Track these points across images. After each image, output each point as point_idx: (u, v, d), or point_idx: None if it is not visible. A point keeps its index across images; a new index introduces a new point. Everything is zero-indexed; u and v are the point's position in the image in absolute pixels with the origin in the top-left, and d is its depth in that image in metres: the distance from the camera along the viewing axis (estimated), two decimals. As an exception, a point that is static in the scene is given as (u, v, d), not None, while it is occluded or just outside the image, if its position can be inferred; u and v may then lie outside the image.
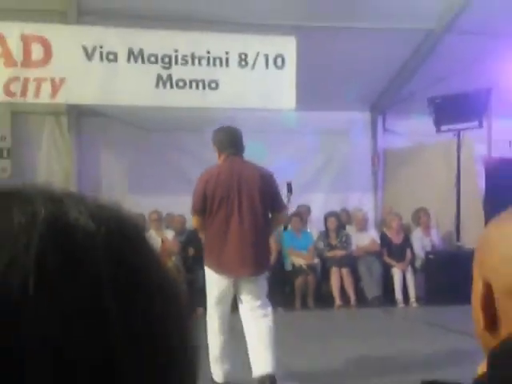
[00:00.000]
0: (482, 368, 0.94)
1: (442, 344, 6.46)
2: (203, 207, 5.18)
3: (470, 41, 9.04)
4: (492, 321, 0.94)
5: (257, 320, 5.25)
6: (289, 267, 9.49)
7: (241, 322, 5.34)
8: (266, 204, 5.25)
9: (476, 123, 8.97)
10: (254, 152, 9.45)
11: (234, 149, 5.29)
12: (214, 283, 5.28)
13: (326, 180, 10.88)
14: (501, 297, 0.93)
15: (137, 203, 9.61)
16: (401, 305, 9.35)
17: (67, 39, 8.22)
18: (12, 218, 0.46)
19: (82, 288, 0.46)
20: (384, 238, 9.94)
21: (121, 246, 0.50)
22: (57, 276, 0.46)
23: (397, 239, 9.86)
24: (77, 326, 0.46)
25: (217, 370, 5.24)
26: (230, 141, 5.31)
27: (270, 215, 5.37)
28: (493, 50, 8.90)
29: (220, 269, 5.21)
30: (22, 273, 0.45)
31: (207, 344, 5.17)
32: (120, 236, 0.51)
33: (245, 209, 5.15)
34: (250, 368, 5.19)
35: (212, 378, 5.26)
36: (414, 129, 10.40)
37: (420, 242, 9.86)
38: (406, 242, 9.85)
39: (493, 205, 8.11)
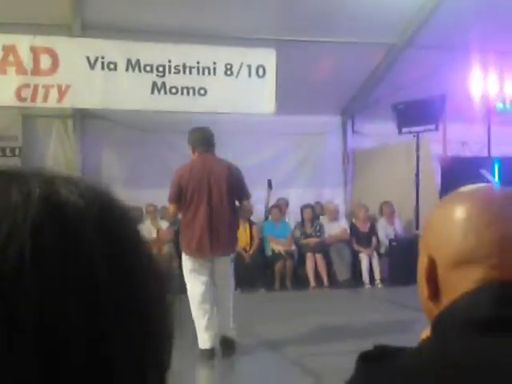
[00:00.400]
0: (425, 333, 0.96)
1: (399, 318, 6.53)
2: (178, 197, 5.32)
3: (427, 54, 9.10)
4: (435, 292, 0.95)
5: (221, 293, 5.41)
6: (269, 253, 9.51)
7: None
8: (233, 194, 5.39)
9: (433, 126, 9.01)
10: (238, 151, 9.50)
11: (206, 147, 5.41)
12: (189, 264, 5.36)
13: (302, 176, 10.89)
14: (443, 271, 0.94)
15: (135, 197, 9.59)
16: (367, 286, 9.39)
17: (72, 50, 8.17)
18: (10, 196, 0.46)
19: (76, 263, 0.45)
20: (353, 227, 9.97)
21: (109, 222, 0.49)
22: (51, 248, 0.45)
23: (364, 228, 9.89)
24: (70, 302, 0.44)
25: (203, 338, 5.30)
26: (202, 140, 5.43)
27: (237, 203, 5.52)
28: (447, 62, 8.96)
29: (191, 251, 5.30)
30: (19, 243, 0.44)
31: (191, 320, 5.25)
32: (108, 213, 0.49)
33: (213, 199, 5.28)
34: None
35: (199, 349, 5.31)
36: (379, 131, 10.44)
37: (384, 231, 9.90)
38: (372, 231, 9.89)
39: (447, 198, 8.13)
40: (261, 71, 8.73)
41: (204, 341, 5.30)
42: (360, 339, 5.27)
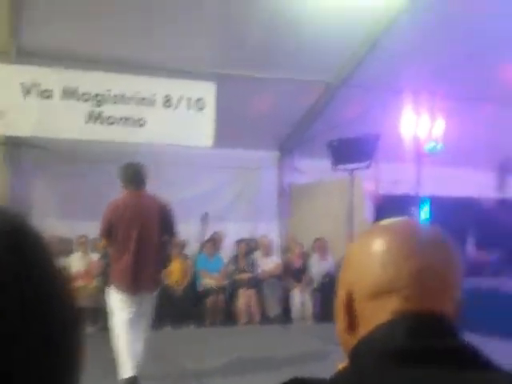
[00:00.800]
0: (342, 365, 0.97)
1: (327, 352, 6.55)
2: (109, 232, 5.40)
3: (362, 93, 9.38)
4: (352, 324, 0.97)
5: (143, 326, 5.42)
6: (201, 288, 9.38)
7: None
8: (162, 232, 5.50)
9: (366, 164, 9.19)
10: (176, 183, 9.46)
11: (137, 184, 5.51)
12: (117, 297, 5.37)
13: (239, 210, 10.91)
14: (361, 303, 0.97)
15: (68, 228, 9.41)
16: (298, 322, 9.40)
17: (7, 77, 8.02)
18: None
19: None
20: (286, 263, 10.03)
21: (22, 248, 0.50)
22: None
23: (297, 264, 9.96)
24: None
25: (127, 366, 5.31)
26: (133, 177, 5.56)
27: (165, 239, 5.63)
28: (382, 102, 9.25)
29: (119, 285, 5.30)
30: None
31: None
32: (22, 239, 0.50)
33: (143, 235, 5.38)
34: (152, 362, 5.35)
35: (123, 378, 5.28)
36: (315, 167, 10.60)
37: (317, 267, 9.99)
38: (305, 267, 9.96)
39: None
40: (200, 104, 8.77)
41: (128, 369, 5.31)
42: (286, 374, 5.28)
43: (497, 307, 7.86)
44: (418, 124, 9.49)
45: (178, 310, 8.77)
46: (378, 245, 0.97)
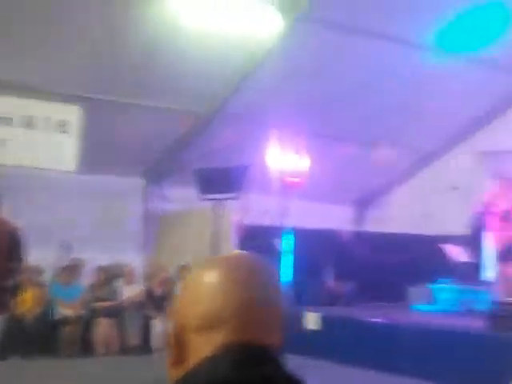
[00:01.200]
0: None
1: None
2: None
3: (232, 125, 9.54)
4: (181, 358, 0.96)
5: None
6: (56, 317, 8.90)
7: None
8: (12, 257, 5.28)
9: (234, 194, 9.30)
10: (34, 208, 9.05)
11: None
12: None
13: (102, 237, 10.61)
14: (190, 335, 0.95)
15: None
16: (159, 351, 9.23)
17: None
18: None
19: None
20: (149, 291, 9.85)
21: None
22: None
23: (160, 292, 9.82)
24: None
25: None
26: None
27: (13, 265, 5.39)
28: (251, 134, 9.45)
29: None
30: None
31: None
32: None
33: None
34: None
35: None
36: (182, 195, 10.57)
37: (181, 295, 9.91)
38: (169, 294, 9.84)
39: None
40: (63, 127, 8.53)
41: None
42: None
43: (349, 335, 8.17)
44: (284, 158, 9.80)
45: (29, 339, 8.30)
46: (209, 277, 0.97)
